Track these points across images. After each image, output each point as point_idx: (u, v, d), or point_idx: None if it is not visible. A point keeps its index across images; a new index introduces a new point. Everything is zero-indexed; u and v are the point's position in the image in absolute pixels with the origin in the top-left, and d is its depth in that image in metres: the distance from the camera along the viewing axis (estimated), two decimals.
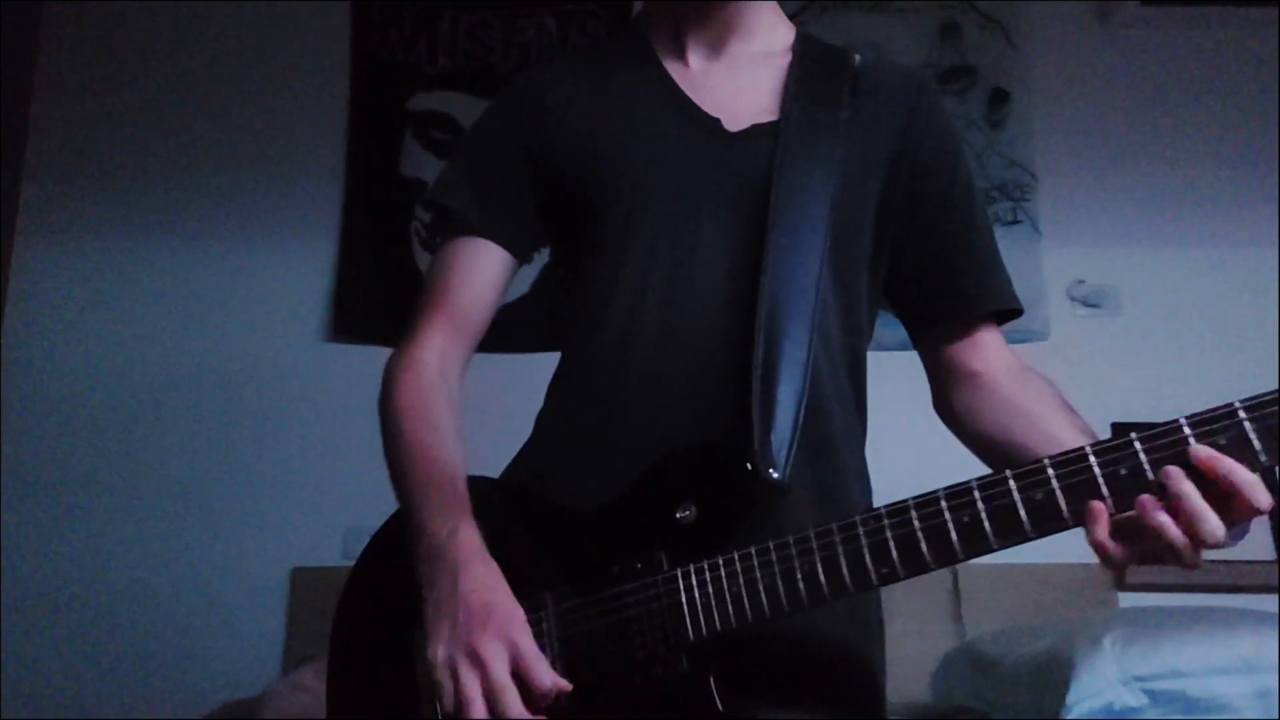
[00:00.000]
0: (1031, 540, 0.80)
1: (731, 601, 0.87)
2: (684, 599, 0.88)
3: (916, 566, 0.82)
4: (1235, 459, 0.75)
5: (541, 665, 0.87)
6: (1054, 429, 0.96)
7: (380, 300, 2.63)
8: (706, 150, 1.06)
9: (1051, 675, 1.72)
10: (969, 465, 0.97)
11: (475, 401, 1.13)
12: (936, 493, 0.82)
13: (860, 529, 0.84)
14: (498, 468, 1.10)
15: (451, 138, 2.75)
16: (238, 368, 2.64)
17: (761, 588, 0.86)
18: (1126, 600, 2.45)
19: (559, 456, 1.05)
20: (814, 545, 0.85)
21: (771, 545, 0.87)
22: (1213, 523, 0.76)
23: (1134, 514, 0.77)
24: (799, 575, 0.85)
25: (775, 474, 0.90)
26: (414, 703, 0.95)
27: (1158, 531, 0.76)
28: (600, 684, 0.89)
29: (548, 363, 1.13)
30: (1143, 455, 0.77)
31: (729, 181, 1.04)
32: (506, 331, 1.98)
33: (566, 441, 1.05)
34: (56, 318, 2.68)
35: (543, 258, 1.21)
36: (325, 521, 2.47)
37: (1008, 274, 1.12)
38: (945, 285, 1.10)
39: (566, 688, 0.88)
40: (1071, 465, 0.79)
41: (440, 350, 1.08)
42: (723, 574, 0.88)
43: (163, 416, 2.62)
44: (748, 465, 0.90)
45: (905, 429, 1.15)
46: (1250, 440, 0.75)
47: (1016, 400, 1.04)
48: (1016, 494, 0.80)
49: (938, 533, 0.81)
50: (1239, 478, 0.75)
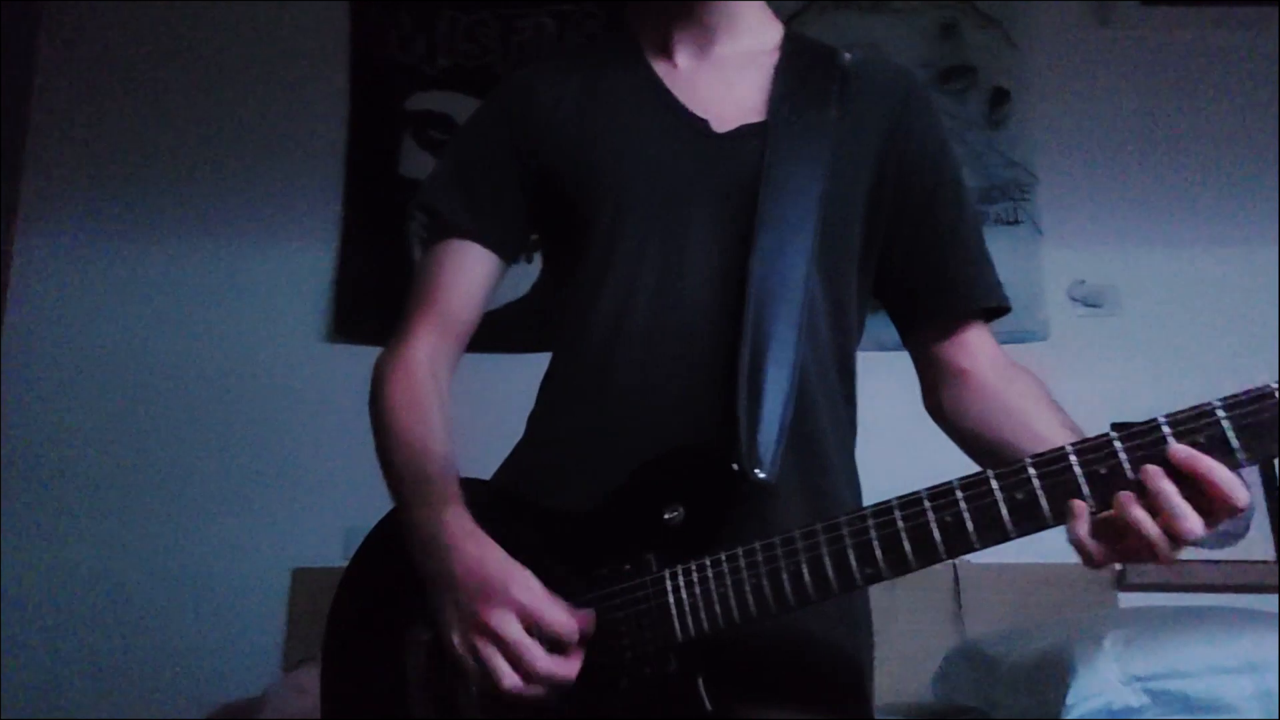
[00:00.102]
0: (1013, 539, 0.81)
1: (718, 602, 0.87)
2: (671, 600, 0.89)
3: (900, 566, 0.83)
4: (1214, 457, 0.76)
5: (552, 612, 0.88)
6: (1040, 427, 0.96)
7: (380, 300, 2.63)
8: (694, 151, 1.06)
9: (1051, 675, 1.72)
10: (966, 465, 0.97)
11: (475, 402, 1.14)
12: (919, 493, 0.83)
13: (845, 529, 0.85)
14: (496, 467, 1.10)
15: (449, 138, 2.75)
16: (238, 368, 2.64)
17: (748, 588, 0.87)
18: (1126, 600, 2.45)
19: (549, 457, 1.05)
20: (799, 546, 0.86)
21: (758, 546, 0.87)
22: (1191, 520, 0.76)
23: (1113, 512, 0.78)
24: (785, 576, 0.86)
25: (762, 474, 0.91)
26: (407, 703, 0.96)
27: (1135, 527, 0.77)
28: (590, 685, 0.89)
29: (547, 363, 1.13)
30: (1122, 454, 0.78)
31: (717, 182, 1.05)
32: (506, 332, 1.99)
33: (557, 442, 1.06)
34: (56, 317, 2.68)
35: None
36: (325, 522, 2.47)
37: (996, 271, 1.12)
38: (933, 283, 1.10)
39: (586, 620, 0.88)
40: (1052, 465, 0.80)
41: (430, 349, 1.09)
42: (710, 575, 0.88)
43: (163, 416, 2.62)
44: (734, 466, 0.91)
45: (906, 429, 1.15)
46: (1228, 439, 0.76)
47: (1004, 398, 1.04)
48: (998, 494, 0.80)
49: (921, 533, 0.82)
50: (1217, 476, 0.75)
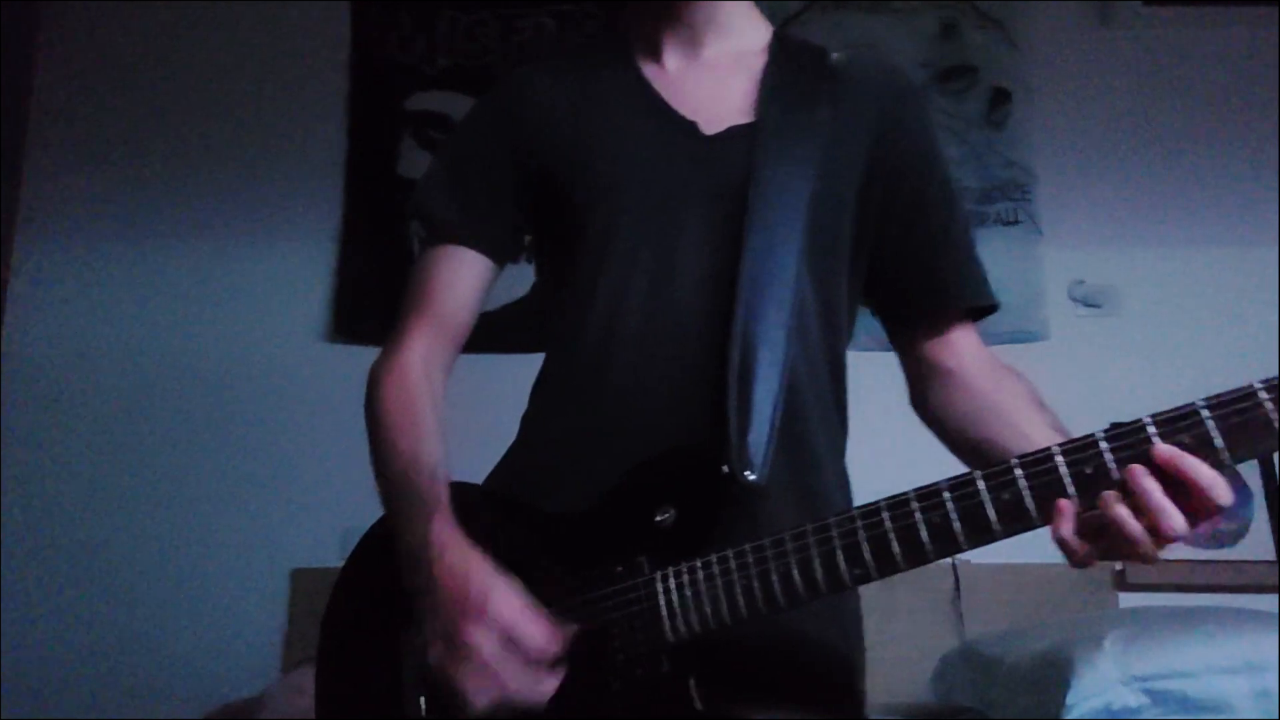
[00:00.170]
0: (1000, 540, 0.81)
1: (709, 603, 0.88)
2: (662, 601, 0.89)
3: (889, 567, 0.84)
4: (1199, 457, 0.76)
5: (529, 629, 0.88)
6: (1026, 426, 0.96)
7: (380, 301, 2.63)
8: (684, 153, 1.07)
9: (1051, 675, 1.72)
10: (958, 465, 0.97)
11: (474, 402, 1.14)
12: (907, 494, 0.84)
13: (834, 531, 0.85)
14: (495, 467, 1.10)
15: (442, 141, 2.75)
16: (238, 368, 2.64)
17: (738, 589, 0.87)
18: (1126, 600, 2.45)
19: (543, 459, 1.06)
20: (789, 548, 0.86)
21: (748, 548, 0.88)
22: (1174, 518, 0.77)
23: (1098, 511, 0.79)
24: (774, 577, 0.86)
25: (752, 476, 0.91)
26: (401, 704, 0.96)
27: (1117, 526, 0.77)
28: (583, 687, 0.89)
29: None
30: (1108, 454, 0.79)
31: (707, 184, 1.05)
32: (504, 333, 1.99)
33: (550, 444, 1.06)
34: (56, 317, 2.69)
35: None
36: (325, 522, 2.47)
37: (984, 271, 1.12)
38: (920, 283, 1.11)
39: (557, 643, 0.88)
40: (1038, 465, 0.80)
41: (424, 354, 1.09)
42: (700, 576, 0.89)
43: (162, 417, 2.62)
44: (724, 468, 0.91)
45: (900, 429, 1.15)
46: (1212, 439, 0.76)
47: (990, 397, 1.04)
48: (985, 494, 0.81)
49: (909, 533, 0.83)
50: (1200, 476, 0.76)
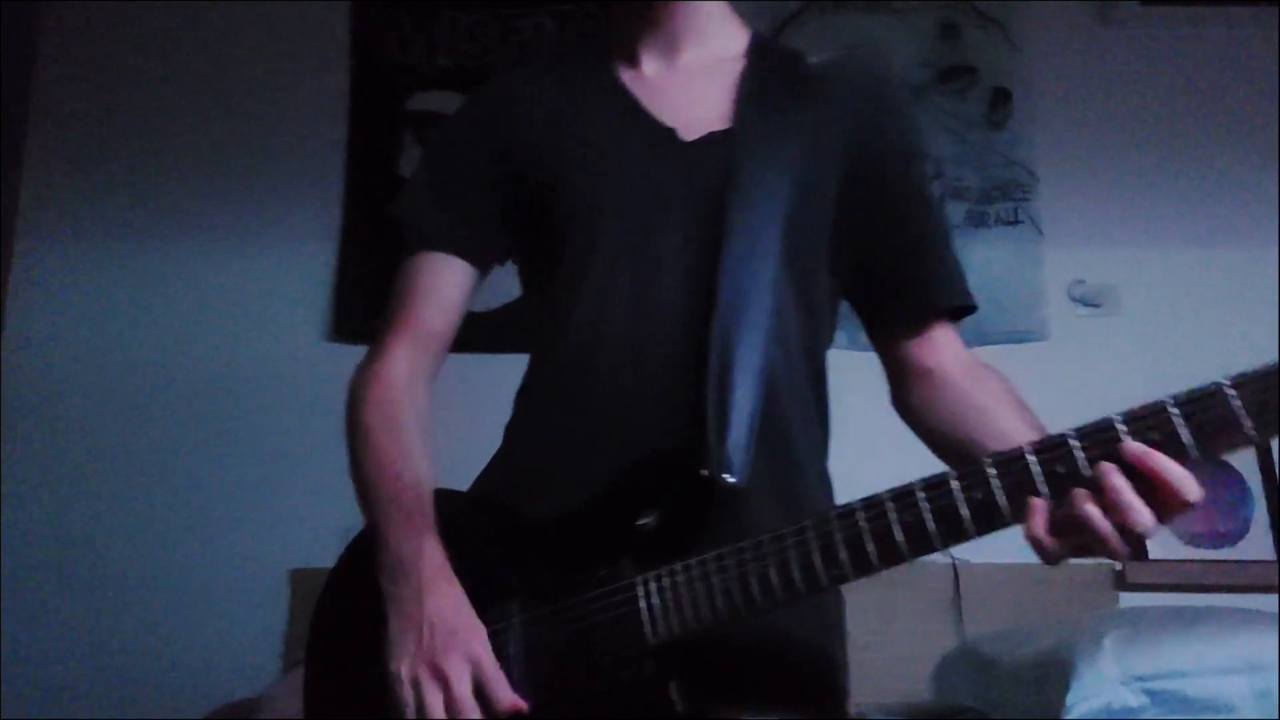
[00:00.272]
0: (974, 539, 0.82)
1: (689, 605, 0.89)
2: (642, 604, 0.90)
3: (864, 568, 0.84)
4: (1168, 454, 0.77)
5: (502, 683, 0.90)
6: (1004, 425, 0.97)
7: (380, 301, 2.61)
8: (662, 160, 1.07)
9: (1051, 675, 1.72)
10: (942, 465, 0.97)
11: (469, 403, 1.14)
12: (882, 494, 0.84)
13: (810, 532, 0.86)
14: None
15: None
16: (237, 368, 2.64)
17: (717, 591, 0.88)
18: (1126, 600, 2.45)
19: (528, 465, 1.06)
20: (767, 549, 0.87)
21: (726, 550, 0.88)
22: (1143, 515, 0.77)
23: (1069, 509, 0.79)
24: (753, 578, 0.87)
25: (731, 478, 0.92)
26: (387, 709, 0.96)
27: (1088, 523, 0.78)
28: (566, 690, 0.91)
29: None
30: (1079, 453, 0.79)
31: (686, 190, 1.05)
32: (501, 334, 1.98)
33: (534, 451, 1.07)
34: (56, 317, 2.68)
35: None
36: (324, 522, 2.45)
37: (962, 271, 1.13)
38: (899, 284, 1.11)
39: (523, 707, 0.90)
40: (1011, 464, 0.81)
41: (406, 365, 1.10)
42: (680, 579, 0.89)
43: (162, 417, 2.62)
44: (703, 471, 0.92)
45: (886, 429, 1.16)
46: (1180, 436, 0.77)
47: (969, 396, 1.05)
48: (958, 494, 0.81)
49: (883, 534, 0.83)
50: (1169, 473, 0.77)
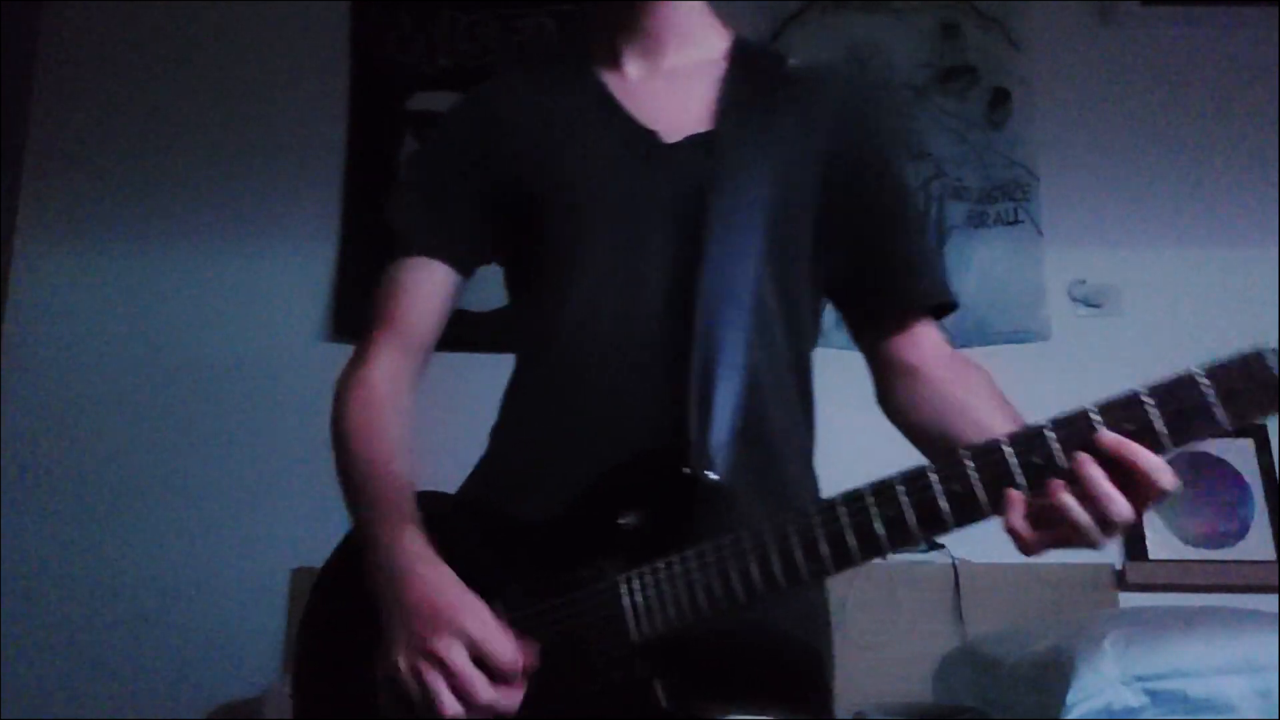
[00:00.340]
0: (953, 530, 0.83)
1: (671, 603, 0.89)
2: (626, 603, 0.91)
3: (844, 561, 0.85)
4: (1142, 444, 0.78)
5: (498, 644, 0.89)
6: (985, 419, 0.97)
7: None
8: (644, 163, 1.08)
9: (1052, 675, 1.72)
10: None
11: (465, 403, 1.14)
12: (861, 489, 0.85)
13: (790, 527, 0.86)
14: None
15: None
16: (238, 367, 2.64)
17: (699, 588, 0.89)
18: (1127, 600, 2.45)
19: (514, 468, 1.07)
20: (747, 545, 0.88)
21: (708, 547, 0.89)
22: (1119, 504, 0.79)
23: (1047, 500, 0.80)
24: (734, 573, 0.87)
25: (713, 476, 0.93)
26: (378, 709, 0.96)
27: (1065, 513, 0.79)
28: (551, 690, 0.91)
29: None
30: (1054, 443, 0.80)
31: (668, 193, 1.06)
32: (497, 335, 1.98)
33: (520, 453, 1.08)
34: (57, 317, 2.68)
35: None
36: (325, 522, 2.46)
37: (943, 269, 1.16)
38: (880, 283, 1.13)
39: (527, 660, 0.90)
40: (987, 456, 0.82)
41: (390, 369, 1.11)
42: (662, 577, 0.90)
43: (162, 416, 2.62)
44: (685, 470, 0.93)
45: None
46: (1154, 425, 0.78)
47: (951, 392, 1.06)
48: (937, 486, 0.82)
49: (864, 528, 0.84)
50: (1144, 462, 0.78)
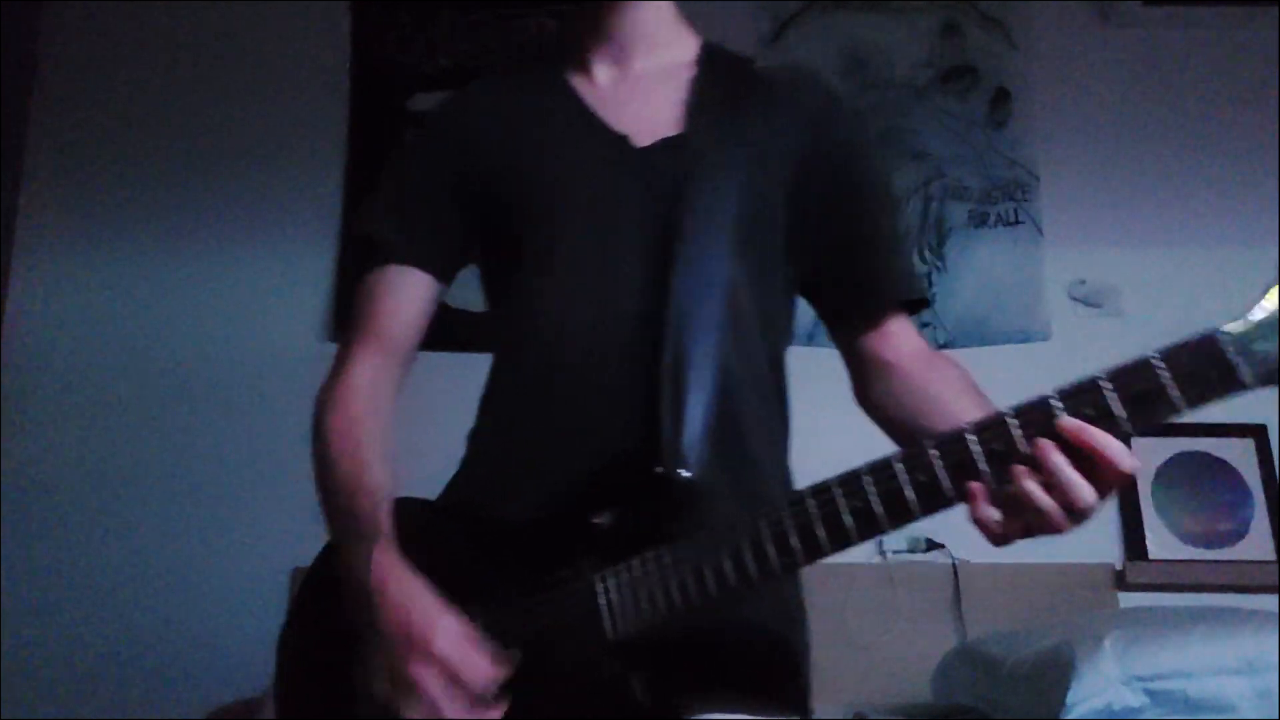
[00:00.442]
0: (921, 519, 0.84)
1: (646, 599, 0.90)
2: (602, 602, 0.91)
3: (815, 552, 0.86)
4: (1102, 428, 0.79)
5: (470, 667, 0.89)
6: (958, 411, 0.98)
7: None
8: (616, 167, 1.09)
9: (1052, 675, 1.72)
10: None
11: (461, 403, 1.15)
12: (829, 481, 0.86)
13: (762, 520, 0.87)
14: None
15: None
16: (238, 368, 2.64)
17: (673, 584, 0.89)
18: (1127, 600, 2.45)
19: (491, 472, 1.08)
20: (720, 539, 0.89)
21: (681, 543, 0.90)
22: (1083, 489, 0.80)
23: (1012, 487, 0.81)
24: (707, 568, 0.88)
25: (686, 474, 0.94)
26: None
27: (1029, 499, 0.80)
28: (530, 691, 0.91)
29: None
30: (1016, 430, 0.81)
31: (640, 196, 1.08)
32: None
33: (497, 457, 1.08)
34: (56, 317, 2.68)
35: None
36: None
37: (913, 264, 1.19)
38: (853, 280, 1.15)
39: (499, 676, 0.90)
40: (951, 445, 0.83)
41: (370, 378, 1.11)
42: (637, 574, 0.91)
43: (162, 416, 2.62)
44: (657, 468, 0.94)
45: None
46: (1112, 410, 0.80)
47: (925, 386, 1.08)
48: (902, 476, 0.83)
49: (832, 519, 0.85)
50: (1104, 446, 0.79)
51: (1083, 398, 0.81)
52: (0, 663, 2.42)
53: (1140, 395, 0.79)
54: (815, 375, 1.24)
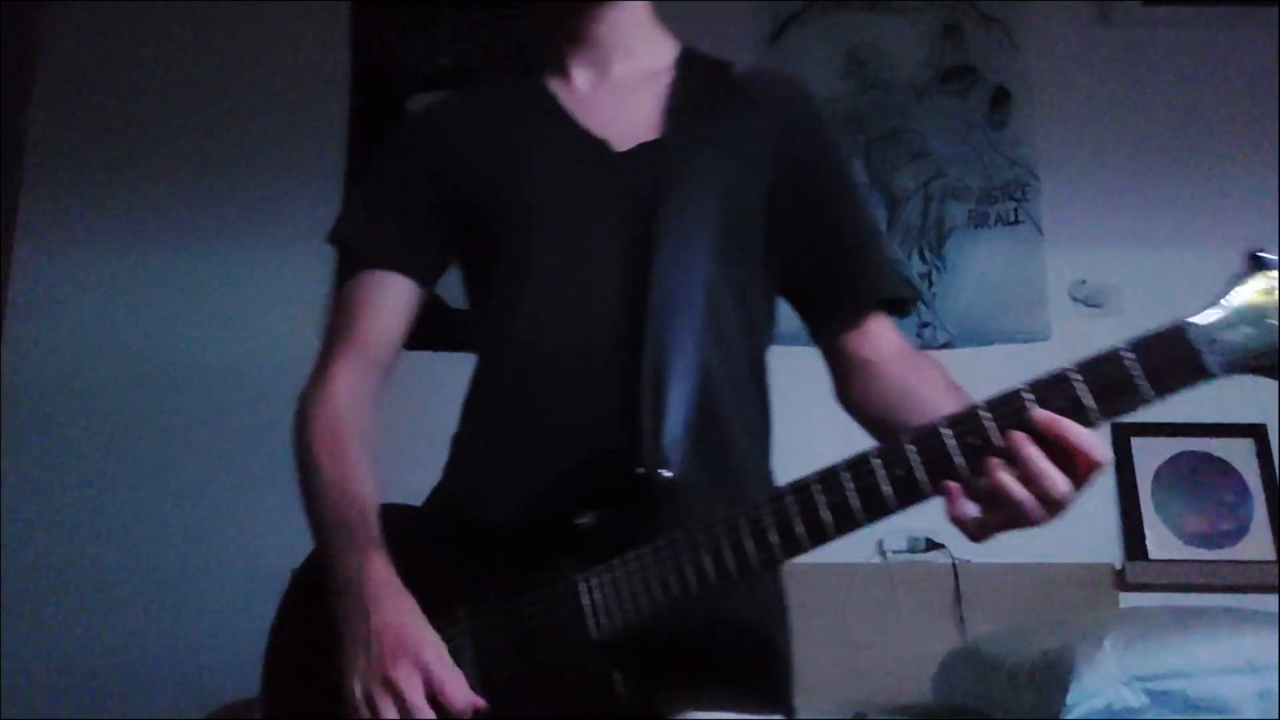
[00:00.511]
0: (898, 513, 0.85)
1: (628, 598, 0.91)
2: (585, 601, 0.92)
3: (793, 548, 0.88)
4: (1073, 419, 0.80)
5: (454, 685, 0.91)
6: (938, 408, 0.98)
7: None
8: (595, 171, 1.10)
9: (1052, 675, 1.72)
10: None
11: (460, 403, 1.15)
12: (808, 478, 0.87)
13: (740, 518, 0.89)
14: None
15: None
16: (238, 367, 2.64)
17: (654, 582, 0.90)
18: (1127, 600, 2.45)
19: (474, 476, 1.08)
20: (699, 538, 0.90)
21: (662, 542, 0.91)
22: (1058, 480, 0.81)
23: (988, 480, 0.82)
24: (688, 566, 0.90)
25: (667, 473, 0.94)
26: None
27: (1004, 491, 0.81)
28: (516, 692, 0.92)
29: None
30: (989, 424, 0.82)
31: (619, 201, 1.08)
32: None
33: (480, 461, 1.09)
34: (56, 317, 2.68)
35: None
36: None
37: (893, 263, 1.19)
38: (832, 280, 1.15)
39: (480, 704, 0.91)
40: (927, 439, 0.84)
41: (351, 385, 1.12)
42: (619, 574, 0.92)
43: (162, 417, 2.62)
44: (639, 469, 0.94)
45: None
46: (1082, 401, 0.81)
47: (904, 383, 1.09)
48: (879, 471, 0.84)
49: (811, 515, 0.86)
50: (1076, 437, 0.80)
51: (1053, 389, 0.82)
52: (0, 663, 2.42)
53: (1109, 386, 0.81)
54: (797, 375, 1.25)
